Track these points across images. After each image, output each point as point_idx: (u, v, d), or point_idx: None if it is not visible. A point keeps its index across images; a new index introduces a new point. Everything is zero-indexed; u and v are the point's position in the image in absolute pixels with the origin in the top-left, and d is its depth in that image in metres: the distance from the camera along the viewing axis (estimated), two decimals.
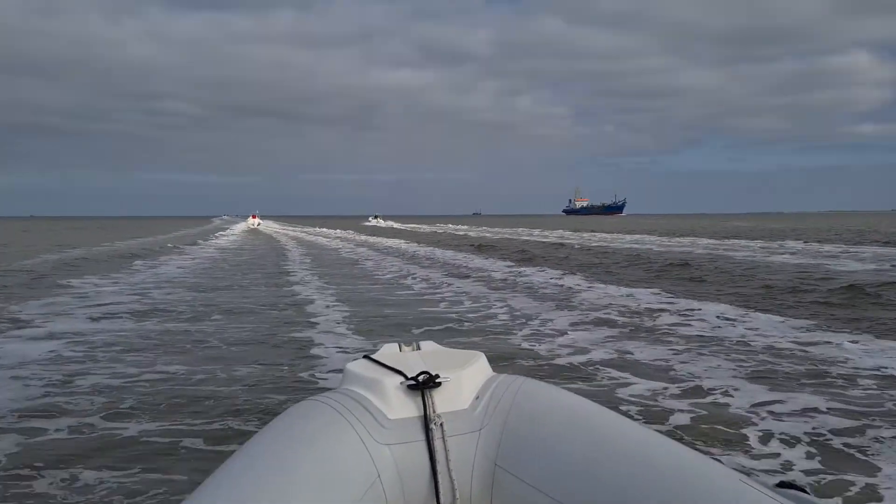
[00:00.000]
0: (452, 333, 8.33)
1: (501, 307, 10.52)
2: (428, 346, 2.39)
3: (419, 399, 2.00)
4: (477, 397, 2.07)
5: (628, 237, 37.95)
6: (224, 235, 46.24)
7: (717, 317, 9.21)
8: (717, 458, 1.91)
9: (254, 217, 78.60)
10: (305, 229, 61.23)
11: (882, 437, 4.36)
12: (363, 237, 42.62)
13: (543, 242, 33.13)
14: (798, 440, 4.31)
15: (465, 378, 2.10)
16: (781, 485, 1.66)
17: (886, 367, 6.15)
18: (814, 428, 4.55)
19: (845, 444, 4.26)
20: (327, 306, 10.71)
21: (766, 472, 3.81)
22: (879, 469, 3.85)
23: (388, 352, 2.31)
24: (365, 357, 2.25)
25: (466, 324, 9.07)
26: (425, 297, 12.19)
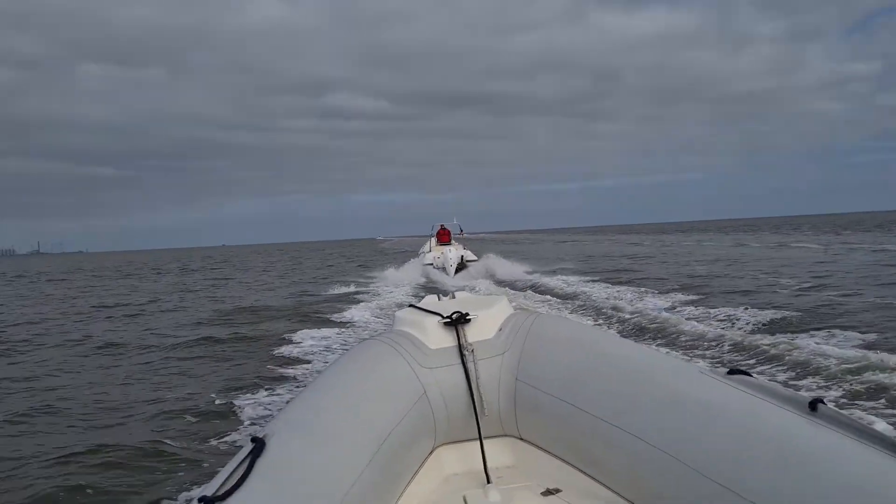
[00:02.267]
0: None
1: None
2: (461, 294, 2.95)
3: (453, 332, 2.57)
4: (500, 329, 2.61)
5: None
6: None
7: None
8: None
9: (442, 237, 28.05)
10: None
11: None
12: None
13: None
14: None
15: (490, 315, 2.65)
16: (731, 371, 2.09)
17: None
18: None
19: None
20: None
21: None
22: None
23: (429, 300, 2.89)
24: (410, 305, 2.83)
25: None
26: None
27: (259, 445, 1.85)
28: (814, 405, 1.78)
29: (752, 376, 2.05)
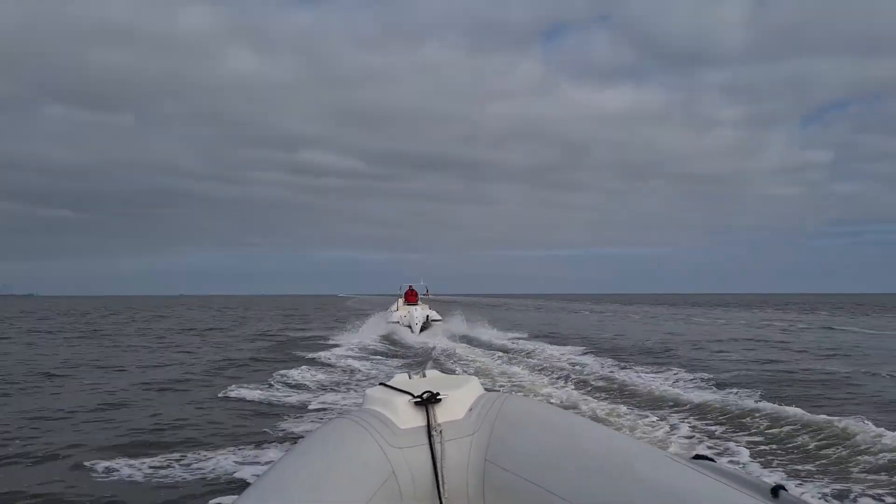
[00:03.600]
0: None
1: None
2: (432, 373, 2.96)
3: (423, 412, 2.55)
4: (470, 409, 2.61)
5: None
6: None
7: None
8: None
9: (410, 297, 29.47)
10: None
11: None
12: None
13: None
14: None
15: (461, 395, 2.65)
16: (696, 457, 2.12)
17: None
18: None
19: None
20: None
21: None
22: None
23: (399, 379, 2.88)
24: (381, 384, 2.82)
25: None
26: None
27: None
28: (776, 491, 1.82)
29: (714, 461, 2.09)
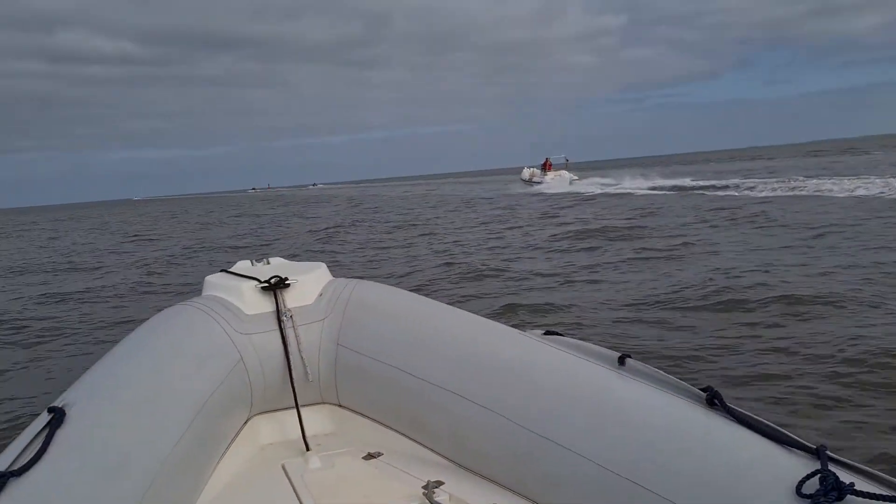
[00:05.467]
0: None
1: None
2: (276, 260, 2.84)
3: (272, 297, 2.46)
4: (320, 294, 2.55)
5: None
6: None
7: None
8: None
9: (547, 167, 46.81)
10: None
11: None
12: None
13: None
14: None
15: (310, 280, 2.57)
16: (547, 332, 2.22)
17: None
18: None
19: None
20: None
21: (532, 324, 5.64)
22: None
23: (242, 265, 2.75)
24: (222, 270, 2.67)
25: None
26: None
27: (58, 416, 1.64)
28: (622, 360, 1.95)
29: (564, 336, 2.20)
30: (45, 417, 1.65)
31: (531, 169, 46.80)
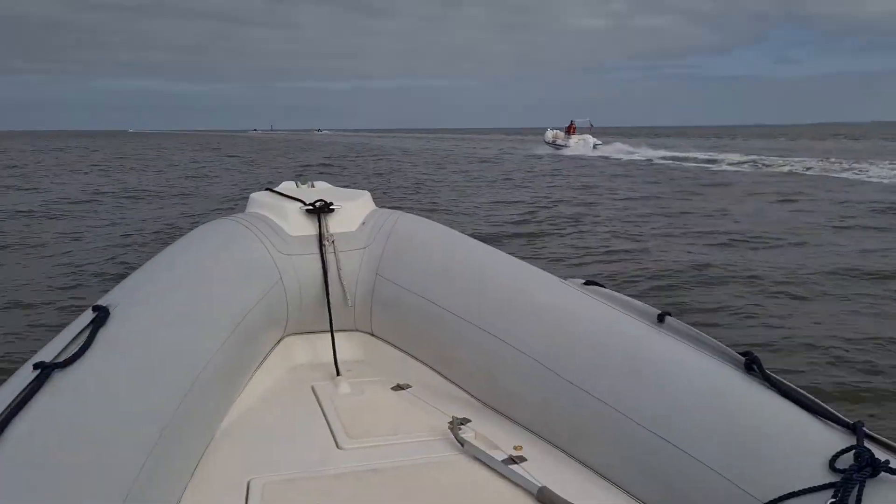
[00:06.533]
0: None
1: None
2: (321, 184, 2.83)
3: (315, 221, 2.46)
4: (363, 223, 2.54)
5: None
6: None
7: None
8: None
9: (571, 130, 46.15)
10: None
11: None
12: None
13: None
14: None
15: (354, 207, 2.57)
16: (588, 282, 2.19)
17: None
18: None
19: None
20: None
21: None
22: None
23: (287, 185, 2.75)
24: (267, 189, 2.67)
25: None
26: None
27: (101, 314, 1.68)
28: (661, 317, 1.92)
29: (605, 288, 2.17)
30: (88, 315, 1.69)
31: (554, 131, 45.72)
